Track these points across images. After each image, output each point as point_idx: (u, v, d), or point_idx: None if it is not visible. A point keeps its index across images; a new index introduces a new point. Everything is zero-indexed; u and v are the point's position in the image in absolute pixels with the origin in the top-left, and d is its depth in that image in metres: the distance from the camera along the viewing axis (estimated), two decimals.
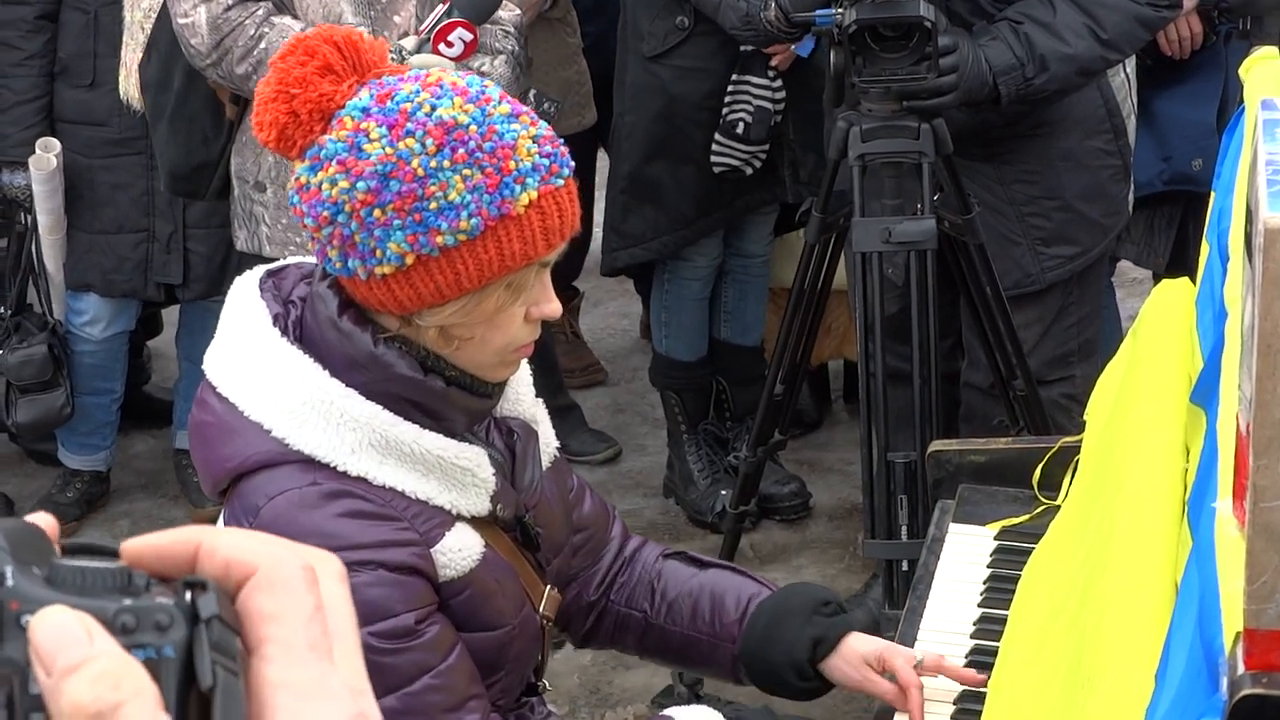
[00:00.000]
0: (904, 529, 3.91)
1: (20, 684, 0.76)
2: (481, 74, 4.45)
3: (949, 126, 4.01)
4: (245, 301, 2.42)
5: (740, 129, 5.06)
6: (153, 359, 6.45)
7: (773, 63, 5.05)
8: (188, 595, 0.78)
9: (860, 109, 4.02)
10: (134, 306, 5.43)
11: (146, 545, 0.82)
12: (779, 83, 5.07)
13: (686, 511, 5.49)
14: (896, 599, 3.81)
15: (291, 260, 2.52)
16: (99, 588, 0.78)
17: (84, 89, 5.12)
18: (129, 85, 4.98)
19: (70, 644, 0.75)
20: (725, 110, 5.04)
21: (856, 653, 2.61)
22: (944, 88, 3.98)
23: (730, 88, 5.04)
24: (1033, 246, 4.42)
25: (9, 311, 5.27)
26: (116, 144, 5.14)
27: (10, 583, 0.77)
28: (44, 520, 0.81)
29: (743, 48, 4.95)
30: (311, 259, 2.48)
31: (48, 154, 5.02)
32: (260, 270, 2.48)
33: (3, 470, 5.89)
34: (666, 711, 2.55)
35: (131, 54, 4.96)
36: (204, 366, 2.43)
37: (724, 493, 5.22)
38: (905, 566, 3.83)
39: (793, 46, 4.99)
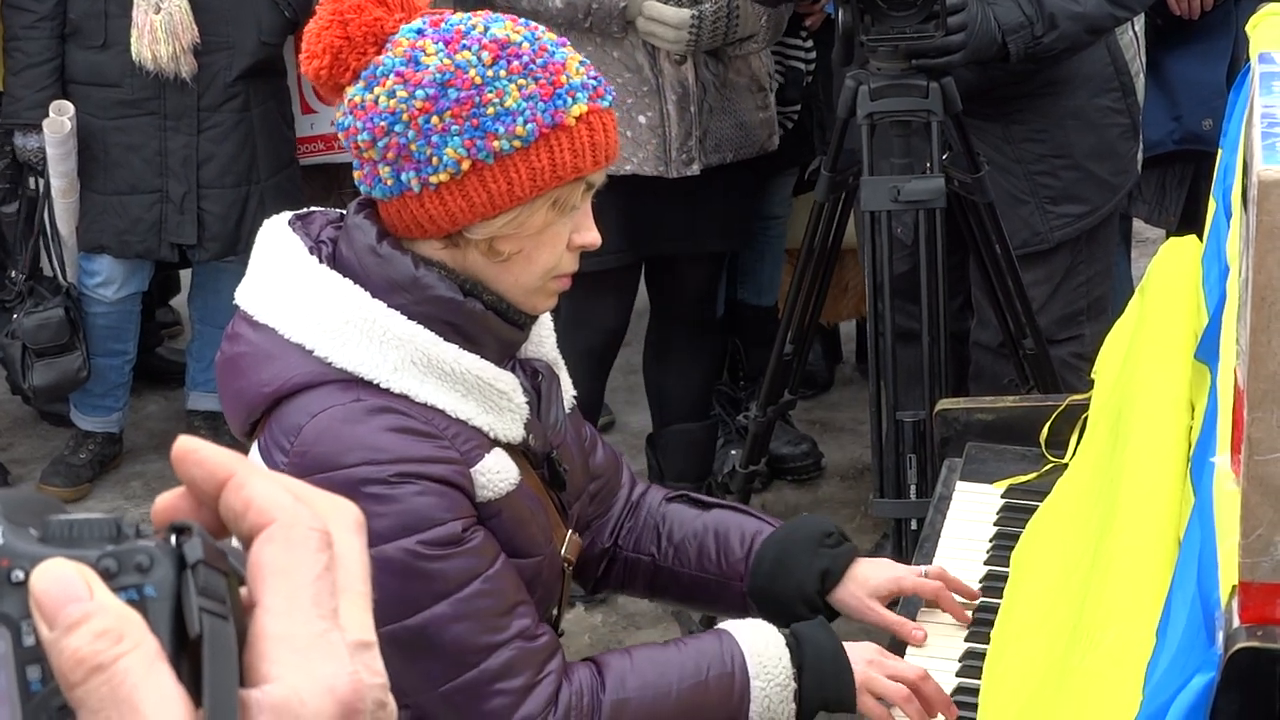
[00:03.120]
0: (912, 488, 3.91)
1: (14, 637, 0.77)
2: None
3: (958, 85, 4.00)
4: (278, 237, 2.46)
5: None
6: (172, 323, 6.46)
7: (806, 23, 5.04)
8: (174, 540, 0.80)
9: (869, 68, 4.01)
10: (147, 268, 5.44)
11: (197, 449, 0.84)
12: (810, 43, 5.06)
13: None
14: (906, 557, 3.81)
15: (315, 209, 2.56)
16: (87, 539, 0.79)
17: (95, 50, 5.12)
18: (141, 46, 4.99)
19: (71, 598, 0.76)
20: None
21: (864, 585, 2.67)
22: (951, 46, 3.96)
23: None
24: (1041, 205, 4.41)
25: (22, 276, 5.28)
26: (129, 105, 5.14)
27: (1, 541, 0.78)
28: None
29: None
30: (334, 210, 2.53)
31: (61, 116, 5.02)
32: (287, 215, 2.52)
33: (16, 432, 5.92)
34: (723, 625, 2.58)
35: (143, 14, 4.96)
36: (237, 300, 2.46)
37: (734, 453, 5.23)
38: (914, 525, 3.83)
39: (826, 8, 4.98)
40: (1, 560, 0.78)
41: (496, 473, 2.43)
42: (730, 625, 2.58)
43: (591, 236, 2.48)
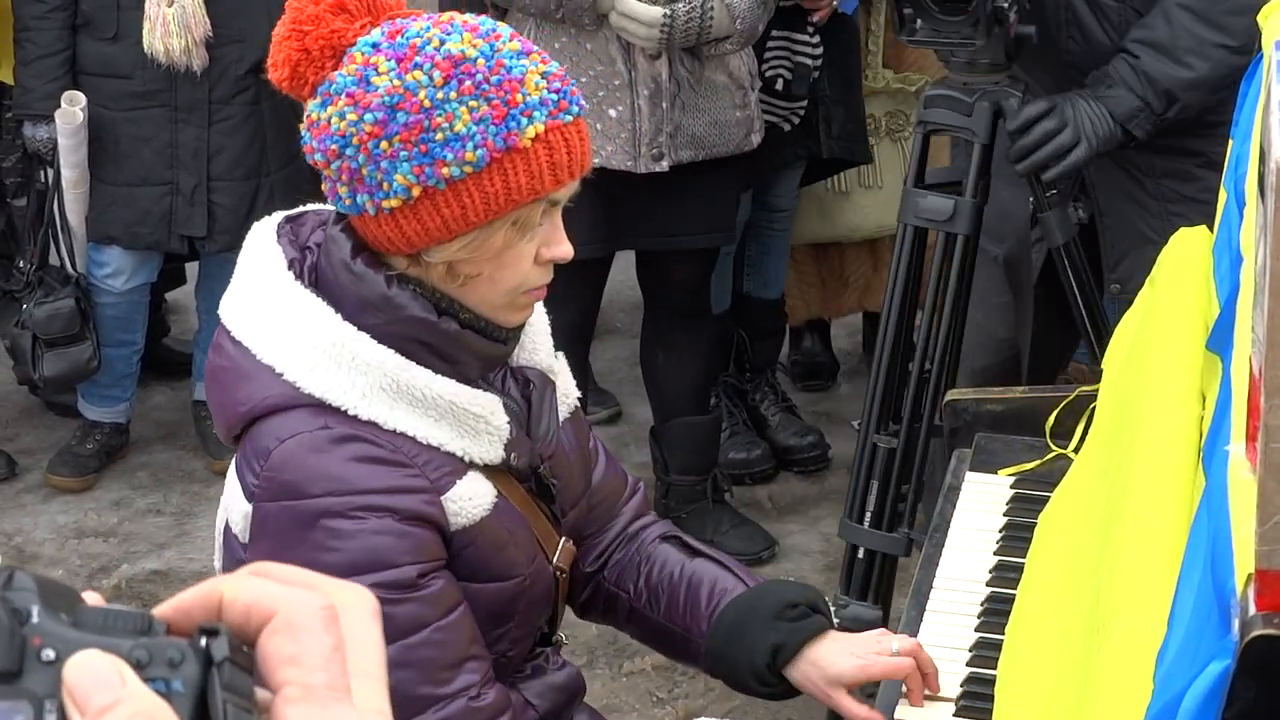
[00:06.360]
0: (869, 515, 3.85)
1: (35, 714, 0.80)
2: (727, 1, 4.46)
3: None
4: (261, 247, 2.42)
5: (779, 85, 5.05)
6: (171, 312, 6.47)
7: (813, 18, 5.04)
8: (203, 641, 0.83)
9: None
10: (156, 259, 5.44)
11: (171, 606, 0.86)
12: (817, 39, 5.06)
13: None
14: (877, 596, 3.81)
15: (310, 207, 2.53)
16: (119, 629, 0.83)
17: (107, 42, 5.12)
18: (153, 38, 4.99)
19: (104, 685, 0.79)
20: (764, 66, 5.02)
21: (826, 671, 2.51)
22: (1064, 147, 3.77)
23: (770, 44, 5.02)
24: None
25: (31, 266, 5.28)
26: (140, 96, 5.14)
27: (35, 620, 0.81)
28: (91, 597, 0.86)
29: (781, 3, 4.94)
30: (331, 206, 2.48)
31: (73, 107, 5.02)
32: (279, 216, 2.49)
33: (23, 422, 5.92)
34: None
35: (156, 7, 4.97)
36: (220, 311, 2.44)
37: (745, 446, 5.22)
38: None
39: (835, 2, 4.98)
40: (34, 639, 0.81)
41: (469, 499, 2.39)
42: None
43: (562, 250, 2.42)
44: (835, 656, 2.51)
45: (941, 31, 3.76)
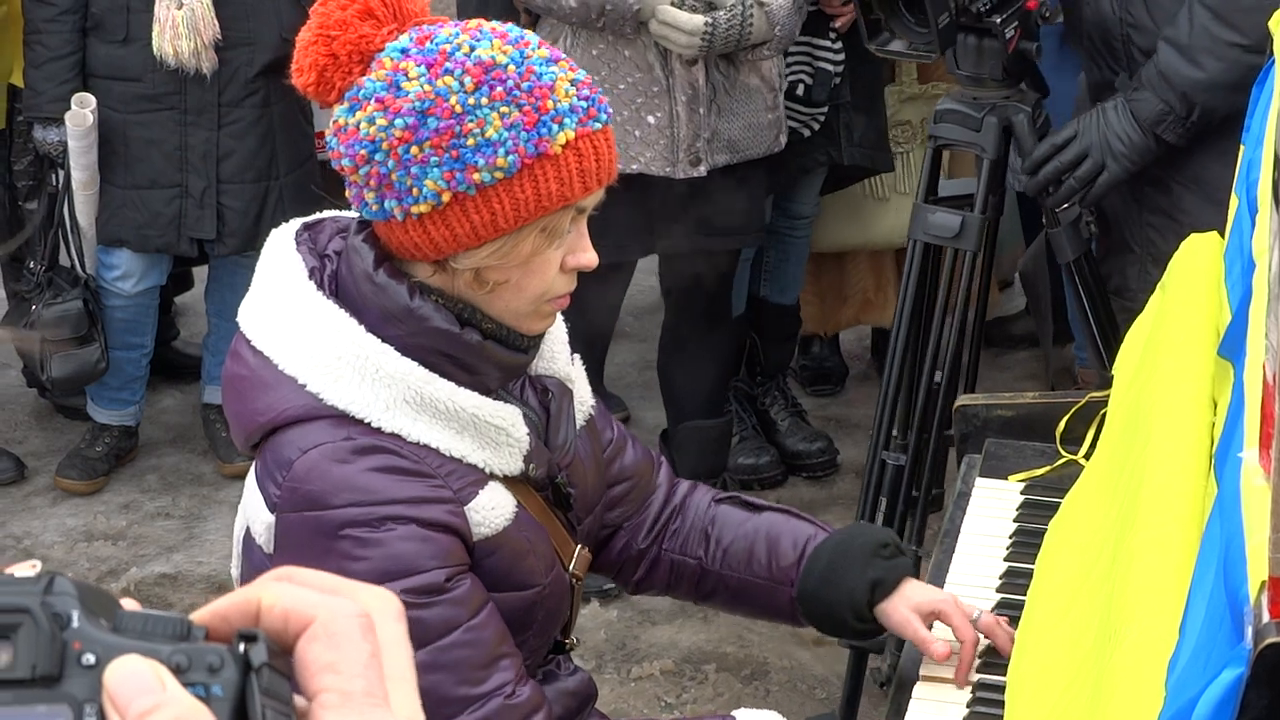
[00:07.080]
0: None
1: (76, 718, 0.81)
2: (761, 3, 4.46)
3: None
4: (281, 255, 2.42)
5: (800, 90, 5.04)
6: (180, 315, 6.47)
7: (835, 24, 5.03)
8: (241, 646, 0.84)
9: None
10: (166, 262, 5.44)
11: (210, 611, 0.87)
12: (839, 44, 5.05)
13: None
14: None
15: (327, 214, 2.52)
16: (158, 634, 0.83)
17: (117, 44, 5.12)
18: (163, 41, 5.00)
19: (144, 690, 0.80)
20: (786, 71, 5.02)
21: (912, 601, 2.61)
22: (1094, 171, 3.78)
23: (791, 49, 5.01)
24: (1144, 262, 3.94)
25: (41, 266, 5.29)
26: (150, 99, 5.14)
27: (75, 624, 0.82)
28: (129, 603, 0.86)
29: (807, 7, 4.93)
30: (348, 213, 2.48)
31: (84, 109, 5.03)
32: (296, 223, 2.48)
33: (32, 425, 5.92)
34: (734, 712, 2.54)
35: (165, 10, 4.97)
36: (239, 319, 2.43)
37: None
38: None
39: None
40: (74, 643, 0.82)
41: (491, 509, 2.40)
42: (740, 713, 2.55)
43: (588, 258, 2.42)
44: (920, 590, 2.65)
45: (912, 42, 3.76)
